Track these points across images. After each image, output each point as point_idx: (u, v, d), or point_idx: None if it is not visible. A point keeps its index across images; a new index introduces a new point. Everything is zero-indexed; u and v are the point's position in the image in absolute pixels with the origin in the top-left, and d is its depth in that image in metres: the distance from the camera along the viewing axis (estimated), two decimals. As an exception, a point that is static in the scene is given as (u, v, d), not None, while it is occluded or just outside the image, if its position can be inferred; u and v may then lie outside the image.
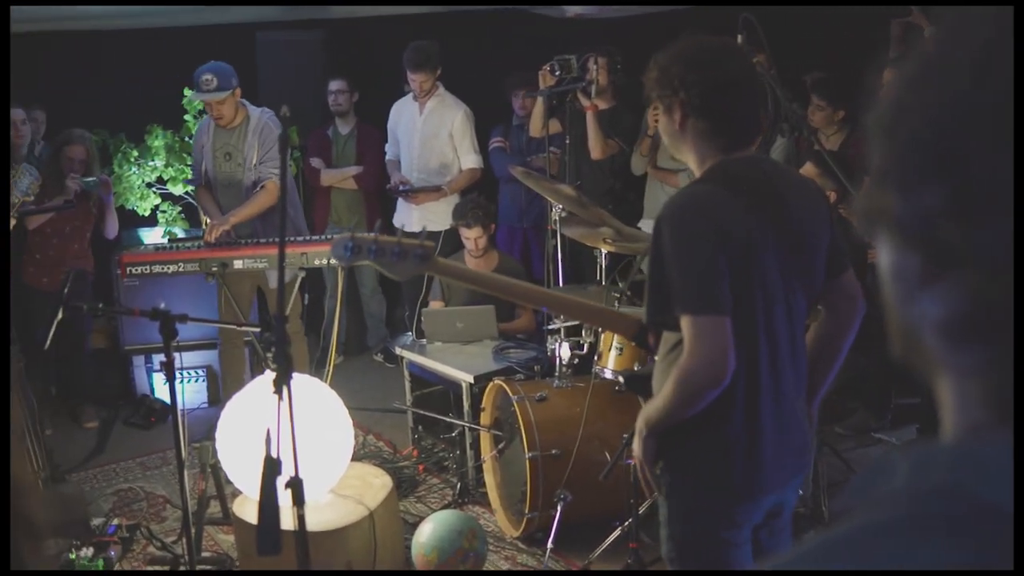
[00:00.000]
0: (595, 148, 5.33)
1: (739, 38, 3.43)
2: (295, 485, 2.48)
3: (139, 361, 6.19)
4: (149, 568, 4.18)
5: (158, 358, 5.97)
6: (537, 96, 5.38)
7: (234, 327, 5.14)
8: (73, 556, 4.07)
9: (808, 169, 4.62)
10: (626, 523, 3.87)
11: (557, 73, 5.08)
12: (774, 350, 2.29)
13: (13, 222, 3.89)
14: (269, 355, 2.46)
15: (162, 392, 6.08)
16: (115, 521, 4.41)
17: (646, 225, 5.24)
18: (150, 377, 6.19)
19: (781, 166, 3.43)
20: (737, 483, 2.32)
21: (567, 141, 5.19)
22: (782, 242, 2.26)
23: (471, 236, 5.19)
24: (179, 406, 3.49)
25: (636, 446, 2.40)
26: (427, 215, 5.97)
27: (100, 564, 4.01)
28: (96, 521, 4.42)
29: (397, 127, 6.21)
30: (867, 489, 0.63)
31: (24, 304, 5.54)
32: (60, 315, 3.27)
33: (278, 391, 2.35)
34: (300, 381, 3.96)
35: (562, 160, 5.51)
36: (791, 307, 2.31)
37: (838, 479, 4.43)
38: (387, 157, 6.34)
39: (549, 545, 3.94)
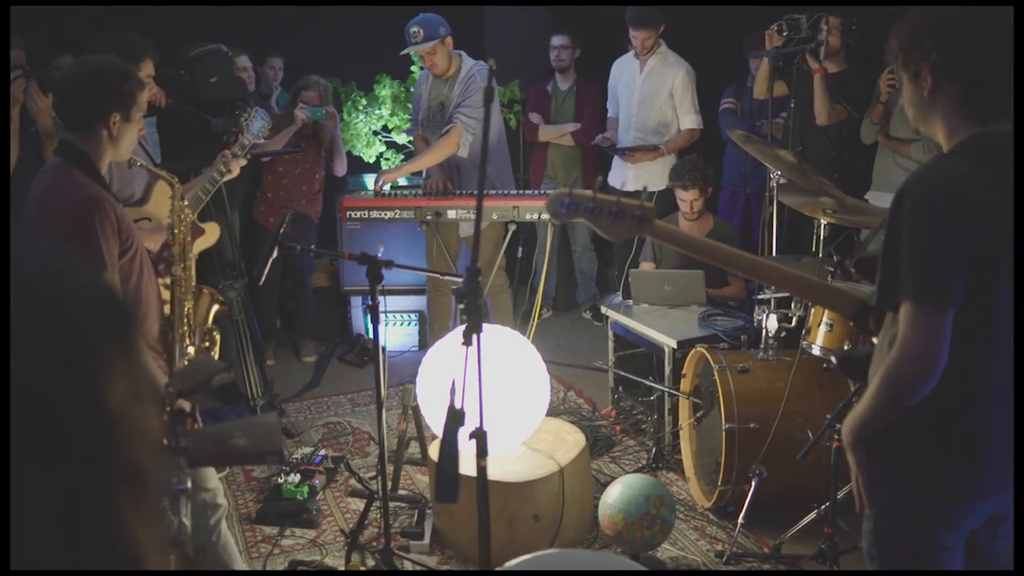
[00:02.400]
0: (821, 113, 5.06)
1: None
2: (479, 436, 2.50)
3: (356, 302, 6.46)
4: (350, 498, 4.37)
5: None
6: (763, 57, 5.17)
7: (437, 276, 5.25)
8: (281, 480, 4.32)
9: None
10: (823, 506, 3.71)
11: (785, 33, 4.85)
12: (1008, 343, 2.09)
13: (243, 163, 4.09)
14: (461, 306, 2.47)
15: (380, 332, 6.31)
16: (322, 452, 4.64)
17: (874, 197, 4.95)
18: (366, 318, 6.44)
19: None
20: (956, 483, 2.14)
21: (792, 105, 4.95)
22: None
23: (687, 198, 5.07)
24: (381, 348, 3.59)
25: (850, 459, 2.27)
26: (642, 174, 5.89)
27: (304, 491, 4.23)
28: (305, 450, 4.66)
29: (617, 85, 6.13)
30: None
31: (252, 241, 5.89)
32: (274, 253, 3.42)
33: (467, 342, 2.36)
34: (500, 334, 4.03)
35: (786, 124, 5.28)
36: None
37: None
38: (608, 115, 6.28)
39: (740, 520, 3.84)
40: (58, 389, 0.66)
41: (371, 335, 6.25)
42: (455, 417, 2.33)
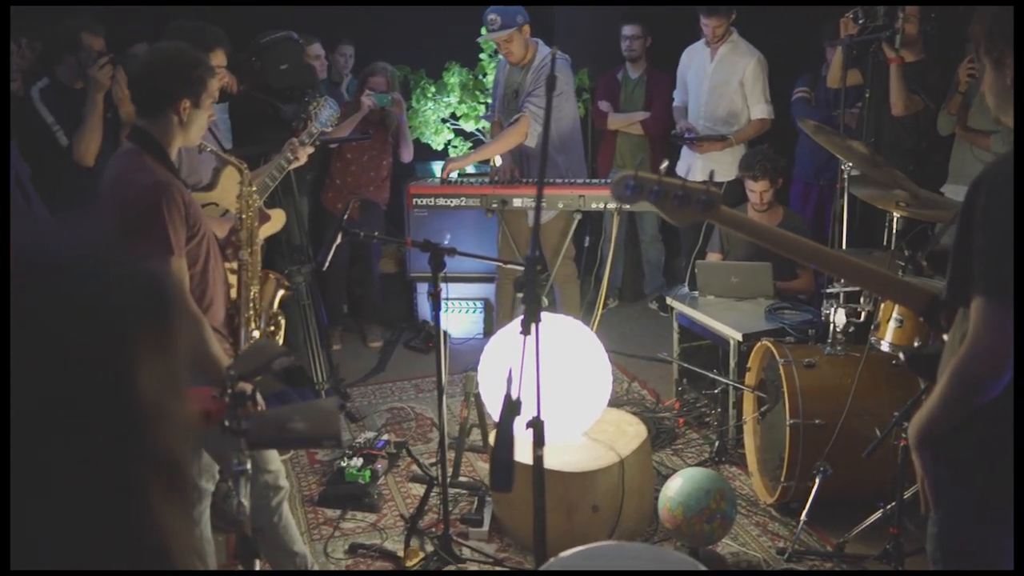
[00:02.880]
0: (897, 103, 4.94)
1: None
2: (536, 426, 2.49)
3: (422, 288, 6.49)
4: (411, 484, 4.40)
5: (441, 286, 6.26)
6: (836, 45, 5.06)
7: (499, 263, 5.26)
8: (344, 464, 4.37)
9: None
10: (888, 506, 3.63)
11: (860, 21, 4.73)
12: None
13: (310, 151, 4.14)
14: (519, 295, 2.46)
15: (442, 320, 6.33)
16: (385, 437, 4.69)
17: (950, 191, 4.81)
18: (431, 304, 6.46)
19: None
20: None
21: (867, 95, 4.83)
22: None
23: (757, 189, 5.00)
24: (443, 334, 3.61)
25: (915, 459, 2.22)
26: (711, 164, 5.81)
27: (366, 475, 4.28)
28: (368, 435, 4.71)
29: (687, 73, 6.06)
30: None
31: (320, 227, 5.96)
32: (338, 239, 3.46)
33: (525, 331, 2.35)
34: (563, 323, 4.01)
35: (860, 115, 5.17)
36: None
37: None
38: (674, 103, 6.22)
39: (803, 518, 3.77)
40: (88, 377, 0.66)
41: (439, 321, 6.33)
42: (511, 406, 2.32)
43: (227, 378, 2.40)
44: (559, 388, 3.70)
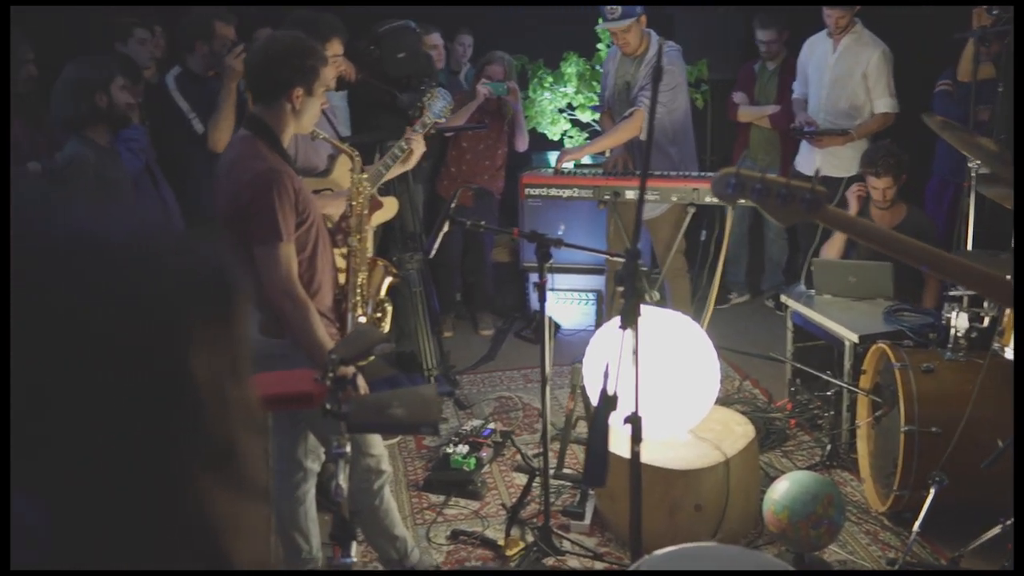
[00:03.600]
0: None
1: None
2: (634, 421, 2.46)
3: (534, 278, 6.48)
4: (515, 473, 4.41)
5: (552, 276, 6.25)
6: (968, 37, 4.85)
7: (607, 256, 5.21)
8: (450, 451, 4.41)
9: None
10: (1008, 521, 3.46)
11: (994, 12, 4.52)
12: None
13: (423, 142, 4.19)
14: (620, 288, 2.43)
15: (553, 310, 6.34)
16: (491, 425, 4.71)
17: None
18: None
19: None
20: None
21: (1000, 89, 4.62)
22: None
23: (879, 186, 4.83)
24: (549, 324, 3.60)
25: None
26: (830, 159, 5.64)
27: (471, 463, 4.31)
28: (475, 423, 4.75)
29: (808, 64, 5.89)
30: None
31: (434, 215, 6.01)
32: (445, 227, 3.48)
33: (624, 325, 2.32)
34: (670, 318, 3.96)
35: (993, 110, 4.94)
36: None
37: None
38: (793, 95, 6.05)
39: (915, 528, 3.63)
40: (135, 366, 0.66)
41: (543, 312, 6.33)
42: (607, 401, 2.30)
43: (329, 362, 2.44)
44: (664, 384, 3.65)
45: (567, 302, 6.36)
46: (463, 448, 4.43)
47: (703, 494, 3.68)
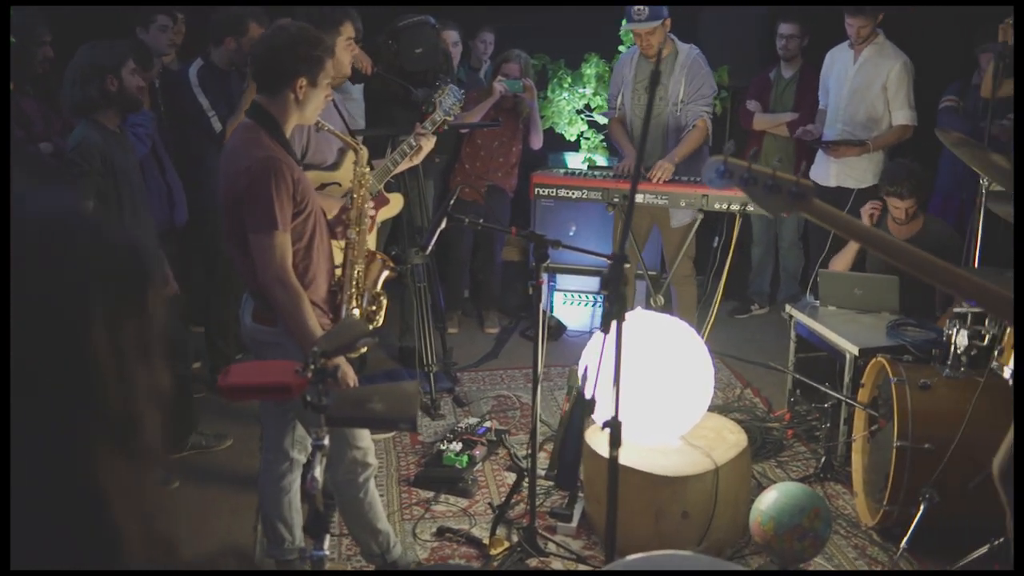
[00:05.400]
0: (1050, 117, 4.65)
1: None
2: (614, 427, 2.46)
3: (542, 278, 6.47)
4: (507, 472, 4.42)
5: (560, 277, 6.26)
6: (990, 51, 4.80)
7: (607, 258, 5.20)
8: (444, 447, 4.42)
9: None
10: (997, 541, 3.44)
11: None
12: None
13: (433, 138, 4.21)
14: (604, 293, 2.43)
15: (560, 311, 6.34)
16: (487, 424, 4.71)
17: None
18: (551, 295, 6.46)
19: None
20: None
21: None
22: None
23: (901, 206, 4.79)
24: (546, 322, 3.60)
25: (1001, 495, 2.10)
26: (845, 170, 5.61)
27: (464, 460, 4.31)
28: (471, 420, 4.75)
29: (829, 75, 5.85)
30: None
31: (445, 210, 6.02)
32: (442, 224, 3.49)
33: (604, 329, 2.32)
34: (667, 324, 3.95)
35: (1012, 127, 4.89)
36: None
37: None
38: (820, 107, 6.01)
39: (903, 544, 3.62)
40: (44, 335, 0.70)
41: (554, 313, 6.34)
42: (582, 405, 2.30)
43: (311, 354, 2.45)
44: (656, 389, 3.65)
45: (574, 303, 6.35)
46: (456, 445, 4.44)
47: (690, 502, 3.67)
